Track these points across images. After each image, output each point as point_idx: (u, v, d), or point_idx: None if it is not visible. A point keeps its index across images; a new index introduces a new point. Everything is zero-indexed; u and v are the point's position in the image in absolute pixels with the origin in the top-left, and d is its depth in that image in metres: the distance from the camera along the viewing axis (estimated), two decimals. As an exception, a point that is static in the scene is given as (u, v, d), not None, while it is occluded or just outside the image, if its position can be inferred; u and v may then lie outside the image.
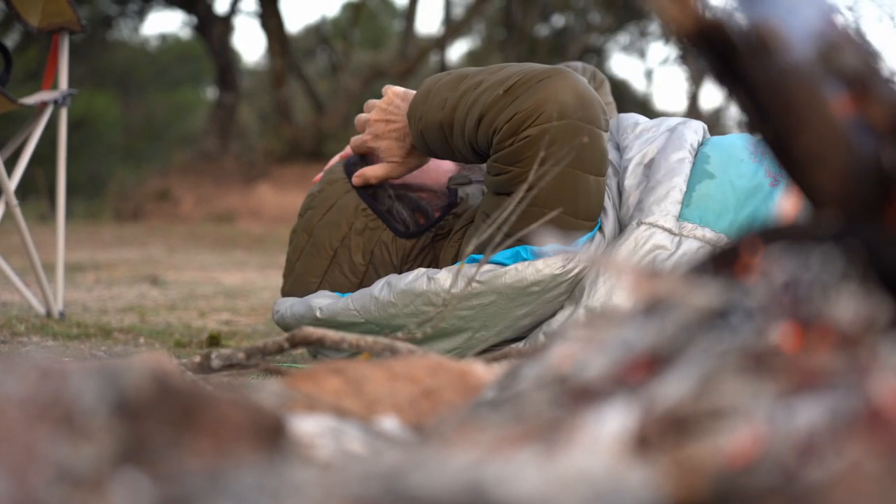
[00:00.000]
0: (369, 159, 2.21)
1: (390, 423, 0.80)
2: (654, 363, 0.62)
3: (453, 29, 13.45)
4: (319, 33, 15.53)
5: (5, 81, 2.88)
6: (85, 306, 3.39)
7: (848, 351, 0.59)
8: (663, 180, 2.04)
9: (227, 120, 13.03)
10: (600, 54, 16.18)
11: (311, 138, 12.08)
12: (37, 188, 9.61)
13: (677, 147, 2.11)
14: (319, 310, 2.05)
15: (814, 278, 0.63)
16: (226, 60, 13.28)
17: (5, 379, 0.58)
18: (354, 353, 1.35)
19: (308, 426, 0.73)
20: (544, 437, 0.58)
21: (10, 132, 3.43)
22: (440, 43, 13.24)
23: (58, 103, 2.99)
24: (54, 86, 3.10)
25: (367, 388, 0.88)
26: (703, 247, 1.96)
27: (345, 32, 14.65)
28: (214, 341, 2.55)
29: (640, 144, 2.15)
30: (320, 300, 2.07)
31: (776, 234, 0.67)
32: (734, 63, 0.66)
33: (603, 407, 0.60)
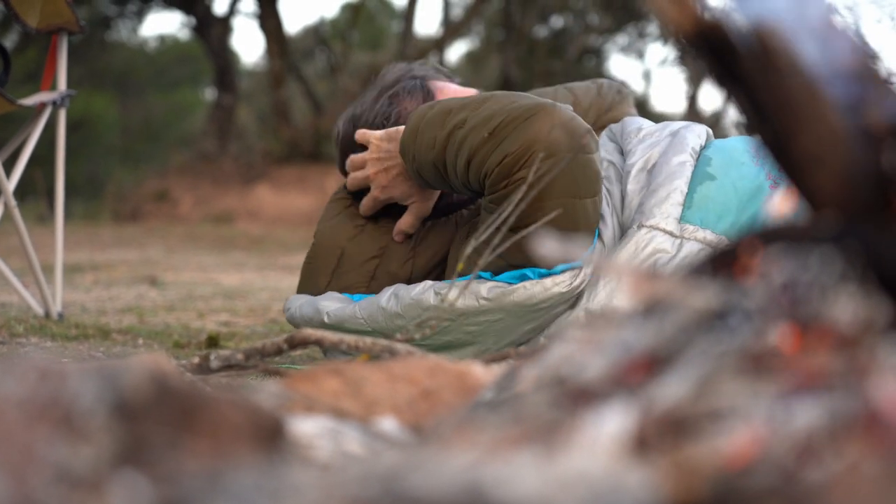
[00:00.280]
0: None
1: (389, 424, 0.80)
2: (652, 364, 0.62)
3: (452, 30, 13.44)
4: (318, 34, 15.51)
5: (4, 82, 2.88)
6: (83, 307, 3.39)
7: (846, 352, 0.59)
8: (664, 183, 2.04)
9: (226, 121, 13.02)
10: (599, 55, 16.18)
11: (309, 139, 12.07)
12: (35, 189, 9.60)
13: (678, 150, 2.10)
14: (327, 315, 2.05)
15: (812, 279, 0.63)
16: (224, 61, 13.28)
17: (4, 380, 0.58)
18: (353, 354, 1.35)
19: (307, 427, 0.73)
20: (543, 439, 0.58)
21: (8, 133, 3.43)
22: (439, 44, 13.23)
23: (56, 104, 2.99)
24: (53, 87, 3.10)
25: (366, 390, 0.88)
26: (704, 249, 1.96)
27: (343, 33, 14.64)
28: (213, 342, 2.55)
29: (643, 149, 2.15)
30: (329, 303, 2.08)
31: (775, 236, 0.67)
32: (733, 64, 0.66)
33: (602, 408, 0.60)
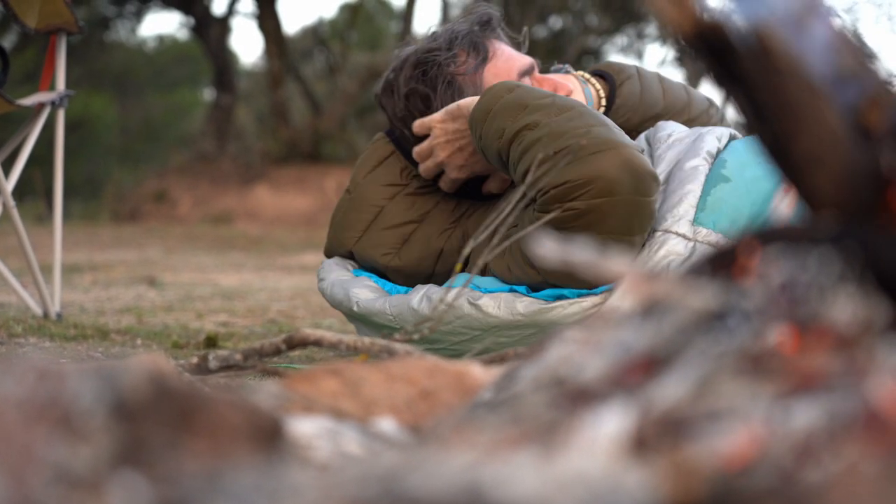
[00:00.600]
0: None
1: (388, 424, 0.80)
2: (651, 365, 0.62)
3: (451, 30, 13.42)
4: (317, 35, 15.50)
5: (2, 83, 2.87)
6: (82, 307, 3.39)
7: (845, 353, 0.59)
8: (676, 188, 2.03)
9: (225, 121, 13.02)
10: (598, 56, 16.18)
11: (308, 140, 12.06)
12: (34, 189, 9.59)
13: (692, 155, 2.09)
14: (357, 304, 2.04)
15: (811, 280, 0.63)
16: (223, 62, 13.27)
17: (3, 380, 0.58)
18: (352, 355, 1.35)
19: (305, 427, 0.73)
20: (542, 439, 0.58)
21: (7, 133, 3.43)
22: (438, 44, 13.22)
23: (55, 104, 2.99)
24: (51, 87, 3.10)
25: (365, 390, 0.88)
26: None
27: (342, 34, 14.63)
28: (212, 342, 2.55)
29: (672, 155, 2.14)
30: (361, 292, 2.06)
31: (774, 236, 0.67)
32: (733, 65, 0.66)
33: (600, 409, 0.60)
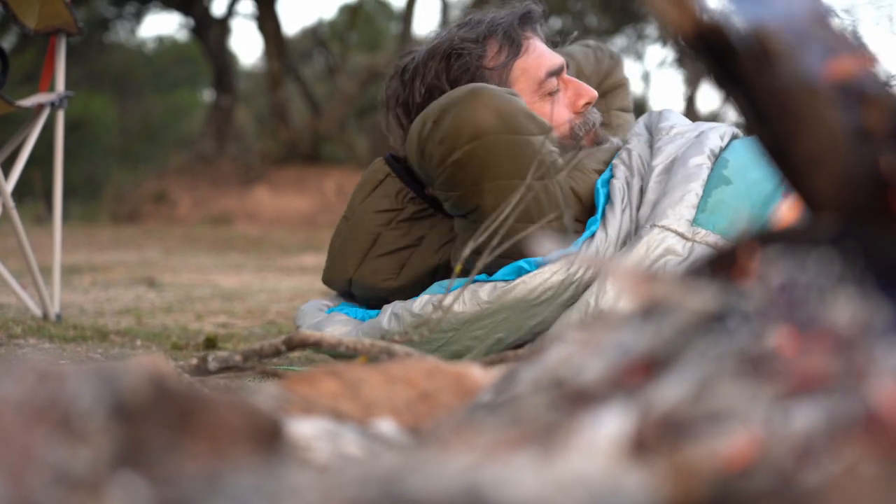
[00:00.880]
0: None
1: (387, 426, 0.80)
2: (651, 366, 0.62)
3: (450, 32, 13.42)
4: (316, 35, 15.50)
5: (2, 84, 2.87)
6: (81, 308, 3.39)
7: (845, 354, 0.59)
8: (679, 185, 2.02)
9: (224, 122, 13.02)
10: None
11: (308, 140, 12.07)
12: (34, 190, 9.59)
13: (697, 152, 2.08)
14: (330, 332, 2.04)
15: (811, 281, 0.63)
16: (223, 63, 13.28)
17: (2, 381, 0.58)
18: (352, 356, 1.35)
19: (305, 429, 0.73)
20: (541, 441, 0.58)
21: (6, 134, 3.43)
22: (437, 46, 13.22)
23: (55, 105, 2.99)
24: (51, 88, 3.10)
25: (364, 391, 0.88)
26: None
27: (342, 35, 14.64)
28: (211, 344, 2.55)
29: (672, 149, 2.14)
30: (335, 329, 2.07)
31: (773, 238, 0.67)
32: (733, 66, 0.66)
33: (600, 410, 0.60)
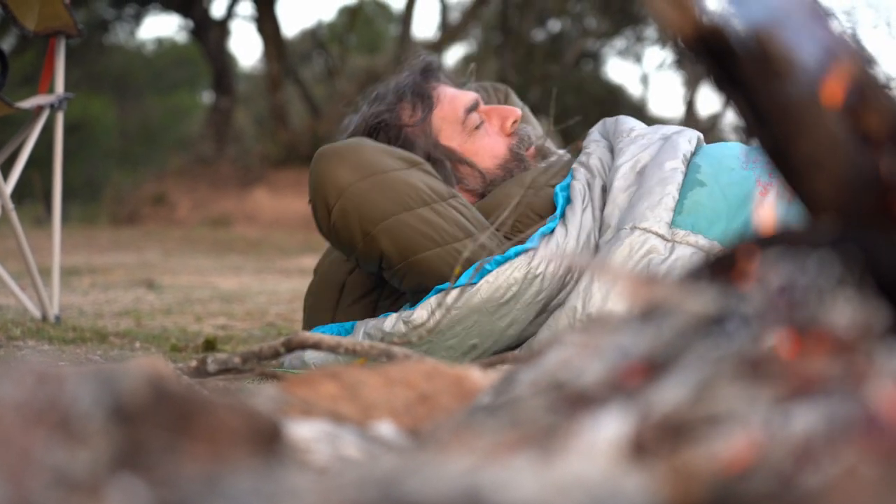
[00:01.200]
0: None
1: (386, 428, 0.80)
2: (650, 369, 0.62)
3: (450, 33, 13.44)
4: (316, 37, 15.51)
5: (2, 85, 2.87)
6: (81, 310, 3.39)
7: (844, 357, 0.59)
8: (656, 187, 2.04)
9: (224, 124, 13.03)
10: (596, 59, 16.19)
11: (307, 142, 12.07)
12: (33, 192, 9.59)
13: (671, 156, 2.10)
14: (313, 365, 2.05)
15: (810, 283, 0.63)
16: (222, 64, 13.29)
17: (1, 383, 0.58)
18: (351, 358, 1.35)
19: (304, 431, 0.73)
20: (541, 443, 0.58)
21: (6, 136, 3.43)
22: (437, 47, 13.23)
23: (54, 107, 2.99)
24: (51, 89, 3.10)
25: (364, 393, 0.88)
26: (696, 252, 1.96)
27: (341, 37, 14.65)
28: (210, 346, 2.55)
29: (635, 149, 2.16)
30: (313, 354, 2.08)
31: (773, 240, 0.67)
32: (733, 68, 0.66)
33: (599, 413, 0.60)
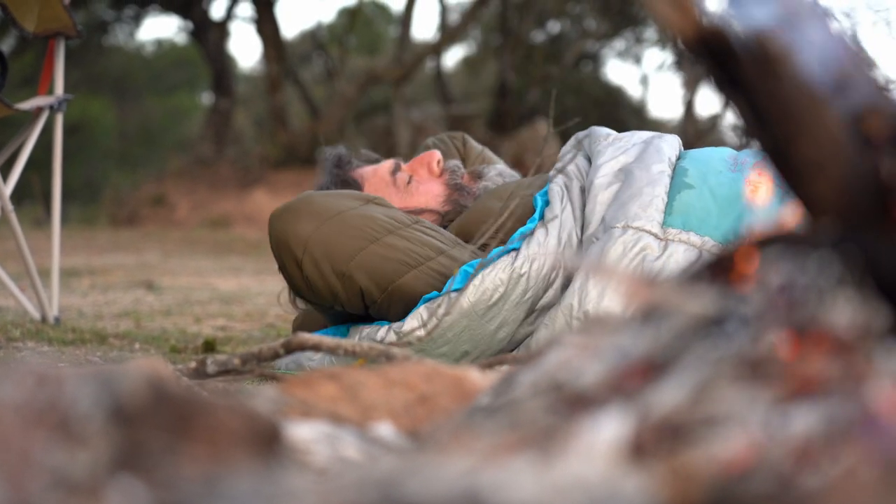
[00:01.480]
0: None
1: (386, 429, 0.80)
2: (649, 370, 0.62)
3: (449, 35, 13.44)
4: (315, 39, 15.51)
5: (1, 86, 2.87)
6: (80, 312, 3.39)
7: (844, 358, 0.59)
8: (645, 188, 2.06)
9: (223, 125, 13.02)
10: (596, 60, 16.20)
11: (306, 144, 12.07)
12: (32, 193, 9.59)
13: (657, 160, 2.14)
14: (308, 368, 2.07)
15: (810, 283, 0.63)
16: (221, 66, 13.28)
17: (1, 384, 0.58)
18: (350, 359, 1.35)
19: (304, 432, 0.73)
20: (540, 444, 0.58)
21: (5, 137, 3.43)
22: (436, 49, 13.24)
23: (53, 108, 2.99)
24: (50, 91, 3.10)
25: (363, 395, 0.88)
26: (690, 249, 1.98)
27: (340, 38, 14.64)
28: (210, 347, 2.55)
29: (613, 151, 2.20)
30: (311, 356, 2.10)
31: (772, 242, 0.67)
32: (734, 70, 0.66)
33: (599, 414, 0.60)
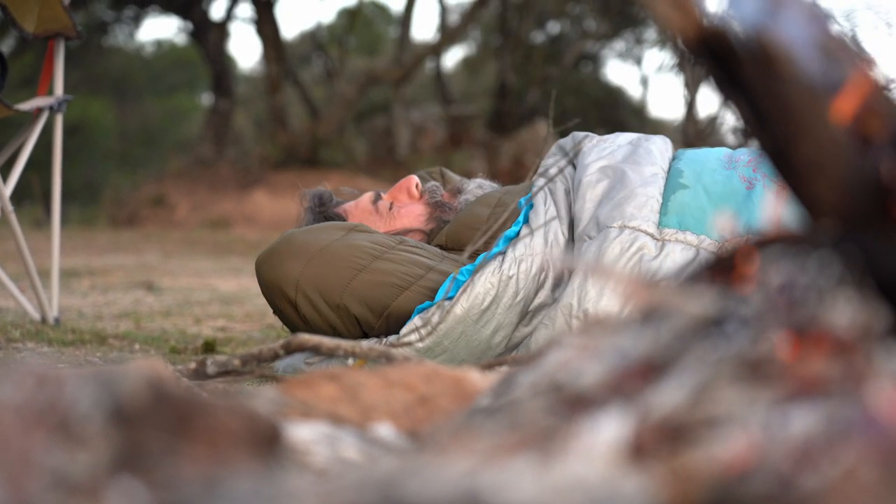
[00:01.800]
0: None
1: (386, 430, 0.80)
2: (649, 371, 0.62)
3: (449, 35, 13.43)
4: (315, 39, 15.51)
5: (1, 87, 2.87)
6: (80, 312, 3.38)
7: (844, 358, 0.59)
8: (639, 189, 2.07)
9: (223, 126, 13.02)
10: (596, 61, 16.19)
11: (306, 144, 12.07)
12: (32, 194, 9.58)
13: (648, 161, 2.15)
14: (307, 366, 2.08)
15: (810, 283, 0.63)
16: (221, 66, 13.28)
17: (1, 385, 0.58)
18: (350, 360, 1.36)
19: (304, 433, 0.73)
20: (540, 445, 0.58)
21: (5, 138, 3.43)
22: (436, 49, 13.24)
23: (53, 109, 2.99)
24: (50, 92, 3.10)
25: (363, 396, 0.88)
26: (687, 249, 1.99)
27: (340, 39, 14.64)
28: (210, 348, 2.55)
29: (600, 151, 2.21)
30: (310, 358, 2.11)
31: (772, 242, 0.67)
32: (735, 71, 0.66)
33: (598, 415, 0.60)
